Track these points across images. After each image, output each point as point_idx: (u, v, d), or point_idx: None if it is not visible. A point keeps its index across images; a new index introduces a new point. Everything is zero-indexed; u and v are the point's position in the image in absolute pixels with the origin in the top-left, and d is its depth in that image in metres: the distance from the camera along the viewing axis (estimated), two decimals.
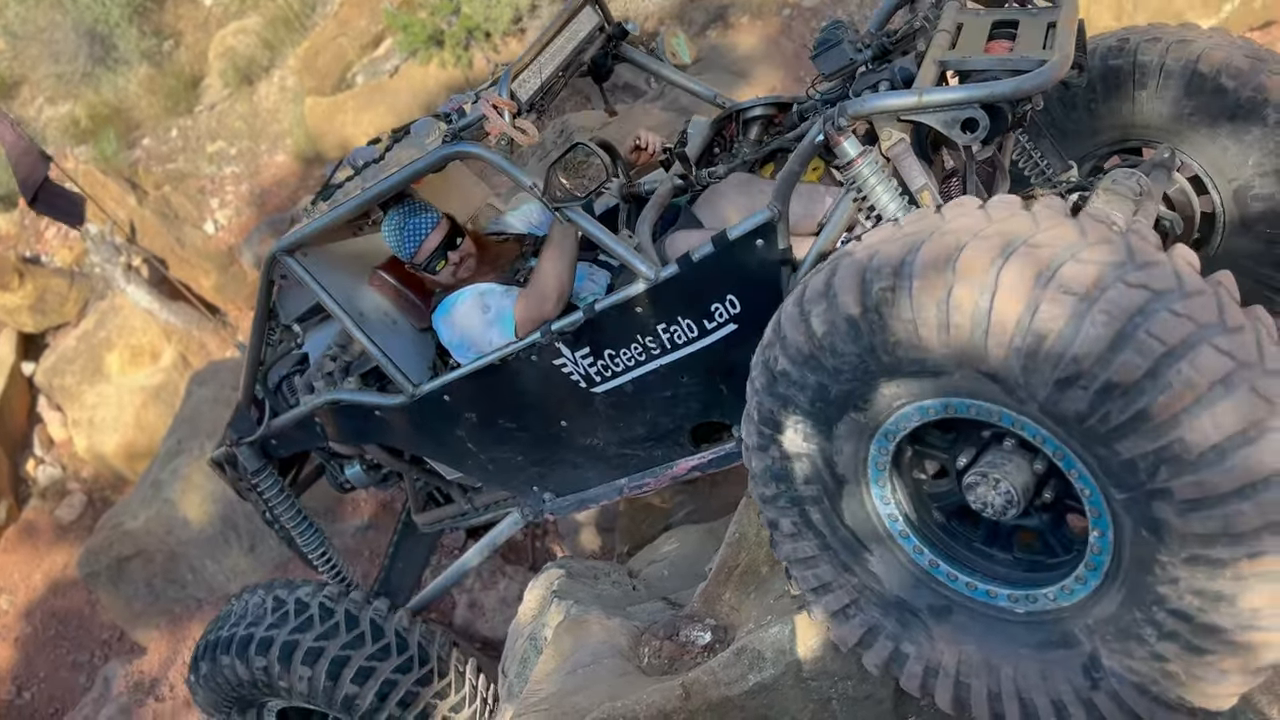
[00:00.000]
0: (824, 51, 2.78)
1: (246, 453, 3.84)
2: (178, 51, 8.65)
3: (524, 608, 3.16)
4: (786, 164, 2.60)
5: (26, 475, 7.33)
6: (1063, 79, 2.48)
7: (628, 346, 2.91)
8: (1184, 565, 1.70)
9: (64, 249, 7.83)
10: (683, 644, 2.68)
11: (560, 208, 2.79)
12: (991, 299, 1.75)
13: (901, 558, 2.15)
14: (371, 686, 3.60)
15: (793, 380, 2.06)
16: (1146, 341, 1.64)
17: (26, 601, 6.68)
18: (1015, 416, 1.87)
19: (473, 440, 3.37)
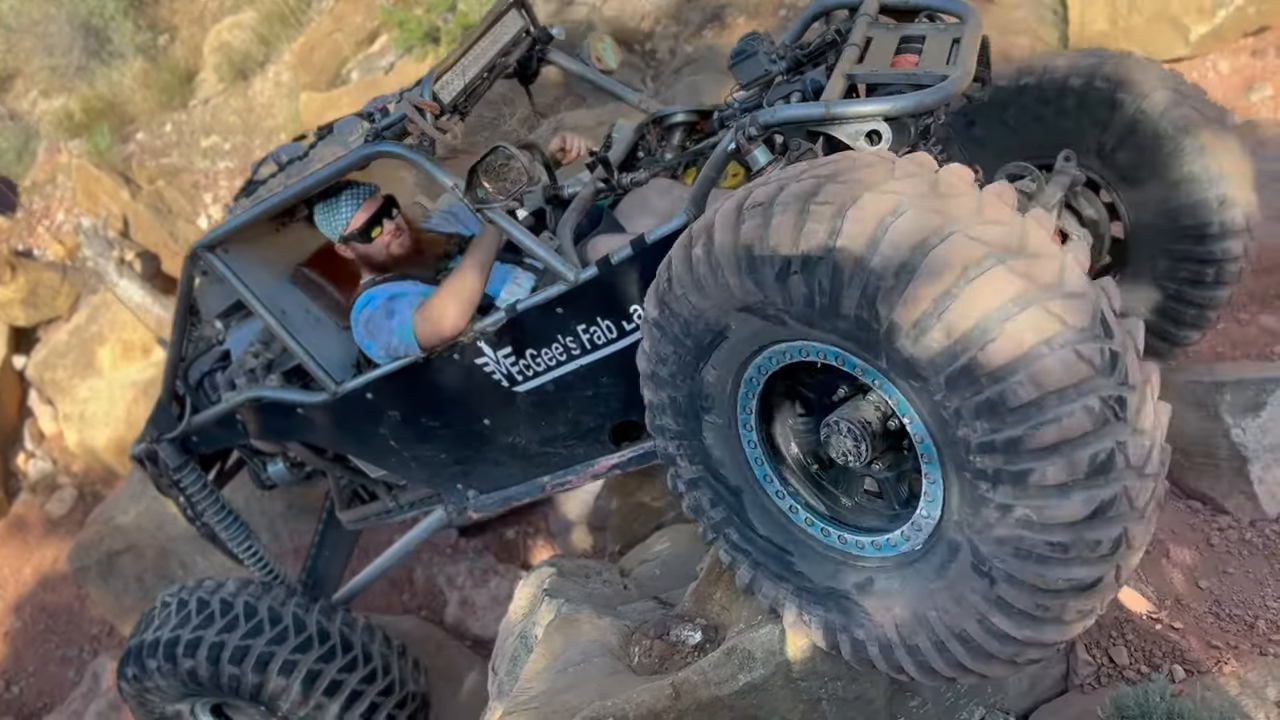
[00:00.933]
0: (740, 62, 2.87)
1: (168, 449, 3.87)
2: (173, 46, 8.63)
3: (515, 606, 3.15)
4: (702, 171, 2.67)
5: (17, 469, 7.31)
6: (965, 93, 2.63)
7: (549, 346, 2.97)
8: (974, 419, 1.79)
9: (56, 243, 7.80)
10: (673, 643, 2.67)
11: (481, 209, 2.83)
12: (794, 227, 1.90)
13: (816, 546, 2.28)
14: (296, 678, 3.71)
15: (674, 313, 2.19)
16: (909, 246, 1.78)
17: (16, 596, 6.66)
18: (838, 350, 2.01)
19: (396, 438, 3.40)
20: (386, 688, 3.95)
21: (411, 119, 2.91)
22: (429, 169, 2.91)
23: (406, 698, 4.03)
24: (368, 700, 3.88)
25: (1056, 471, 1.74)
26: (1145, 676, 2.41)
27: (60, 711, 5.77)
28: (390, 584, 5.56)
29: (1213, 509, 3.24)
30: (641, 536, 4.17)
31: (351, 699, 3.85)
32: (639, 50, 6.78)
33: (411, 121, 2.91)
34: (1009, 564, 1.86)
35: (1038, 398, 1.71)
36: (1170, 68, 3.18)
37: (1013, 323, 1.70)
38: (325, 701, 3.79)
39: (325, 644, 3.83)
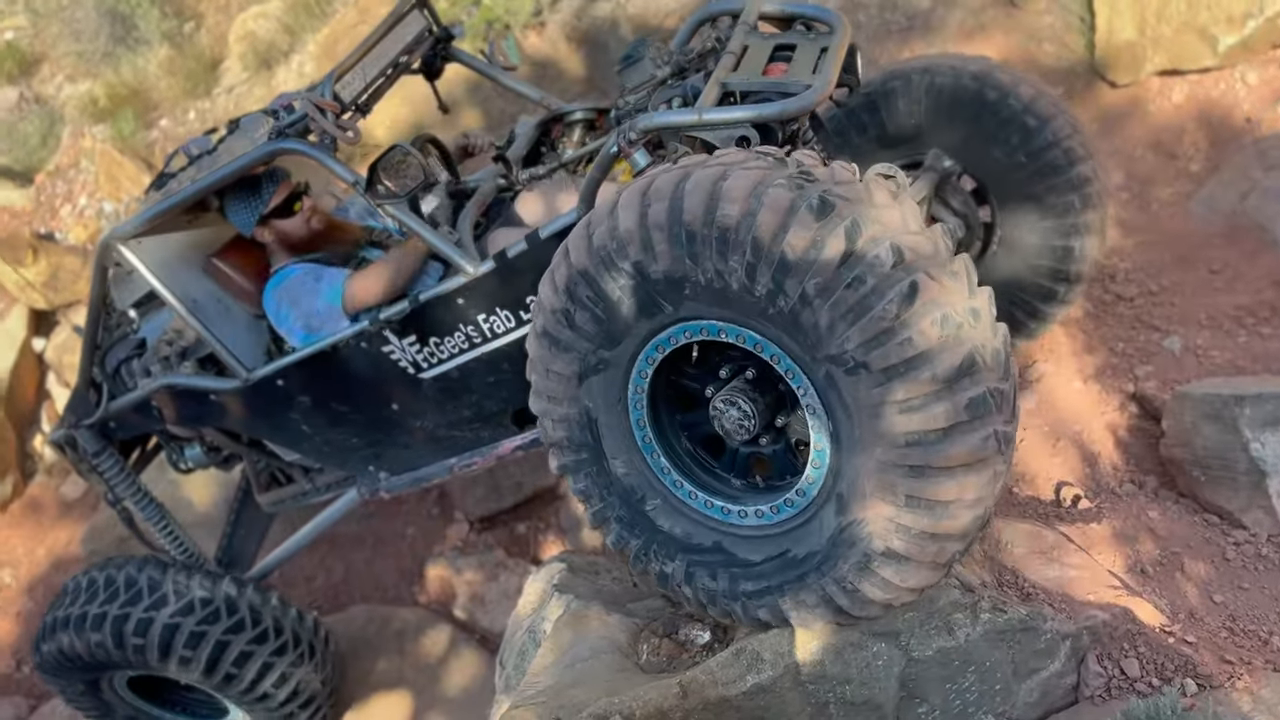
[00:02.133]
0: (627, 66, 3.09)
1: (86, 435, 3.99)
2: (198, 34, 8.66)
3: (524, 600, 3.16)
4: (589, 172, 2.82)
5: (33, 451, 7.35)
6: (835, 99, 2.79)
7: (452, 335, 3.11)
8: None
9: (78, 226, 7.84)
10: (682, 642, 2.67)
11: (381, 204, 2.96)
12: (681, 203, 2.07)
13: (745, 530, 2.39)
14: (204, 649, 3.87)
15: (573, 296, 2.27)
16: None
17: (29, 576, 6.70)
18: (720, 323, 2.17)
19: (307, 423, 3.53)
20: (296, 657, 4.17)
21: (313, 117, 3.03)
22: (331, 165, 3.03)
23: (302, 654, 4.23)
24: (278, 671, 4.09)
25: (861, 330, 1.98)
26: (1156, 689, 2.40)
27: None
28: (400, 575, 5.57)
29: (1229, 523, 3.21)
30: None
31: (263, 672, 4.05)
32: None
33: (313, 119, 3.03)
34: (902, 453, 2.02)
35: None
36: (1198, 78, 3.26)
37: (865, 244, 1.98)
38: (235, 672, 3.97)
39: (233, 616, 3.99)
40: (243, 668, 3.98)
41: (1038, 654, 2.41)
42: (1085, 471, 3.56)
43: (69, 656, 4.03)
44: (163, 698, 4.61)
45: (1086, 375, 3.99)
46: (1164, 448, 3.51)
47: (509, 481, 5.43)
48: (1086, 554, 2.87)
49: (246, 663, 3.99)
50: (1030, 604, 2.48)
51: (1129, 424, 3.75)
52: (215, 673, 3.94)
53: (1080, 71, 5.53)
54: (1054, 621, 2.42)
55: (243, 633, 3.98)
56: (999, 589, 2.54)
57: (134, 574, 4.00)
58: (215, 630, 3.92)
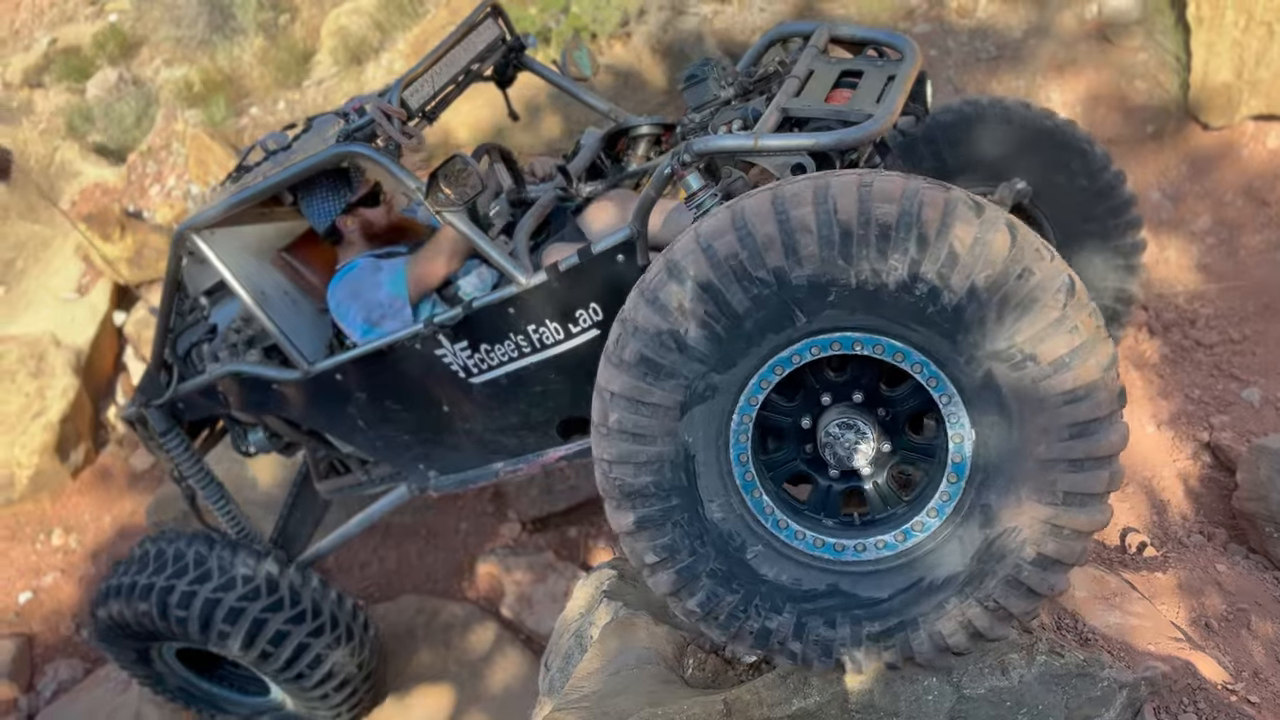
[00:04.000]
0: (690, 86, 3.06)
1: (155, 414, 4.07)
2: (292, 26, 8.87)
3: (572, 604, 3.17)
4: (644, 190, 2.81)
5: (106, 421, 7.56)
6: (899, 127, 2.71)
7: (502, 343, 3.13)
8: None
9: (165, 206, 8.07)
10: (728, 659, 2.66)
11: (440, 211, 2.99)
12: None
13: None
14: (242, 625, 3.96)
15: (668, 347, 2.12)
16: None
17: (95, 543, 6.88)
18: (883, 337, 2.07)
19: (362, 418, 3.58)
20: (333, 639, 4.23)
21: (379, 123, 3.07)
22: (394, 170, 3.08)
23: (339, 638, 4.28)
24: (314, 652, 4.14)
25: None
26: None
27: None
28: (453, 569, 5.62)
29: None
30: None
31: (299, 652, 4.10)
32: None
33: (379, 125, 3.08)
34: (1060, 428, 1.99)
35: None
36: None
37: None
38: (271, 650, 4.06)
39: (273, 595, 4.08)
40: (279, 646, 4.06)
41: (1092, 701, 2.35)
42: (1153, 519, 3.48)
43: (119, 624, 4.16)
44: (211, 671, 4.71)
45: (1160, 420, 3.90)
46: (1237, 500, 3.41)
47: (563, 484, 5.46)
48: (1150, 603, 2.81)
49: (283, 641, 4.07)
50: (1088, 649, 2.43)
51: (1201, 473, 3.66)
52: (252, 649, 4.03)
53: (1172, 111, 5.42)
54: (1112, 669, 2.36)
55: (280, 611, 4.06)
56: (1057, 631, 2.49)
57: (183, 548, 4.12)
58: (254, 607, 4.02)
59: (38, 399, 7.04)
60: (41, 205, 8.39)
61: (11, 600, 6.55)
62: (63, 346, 7.30)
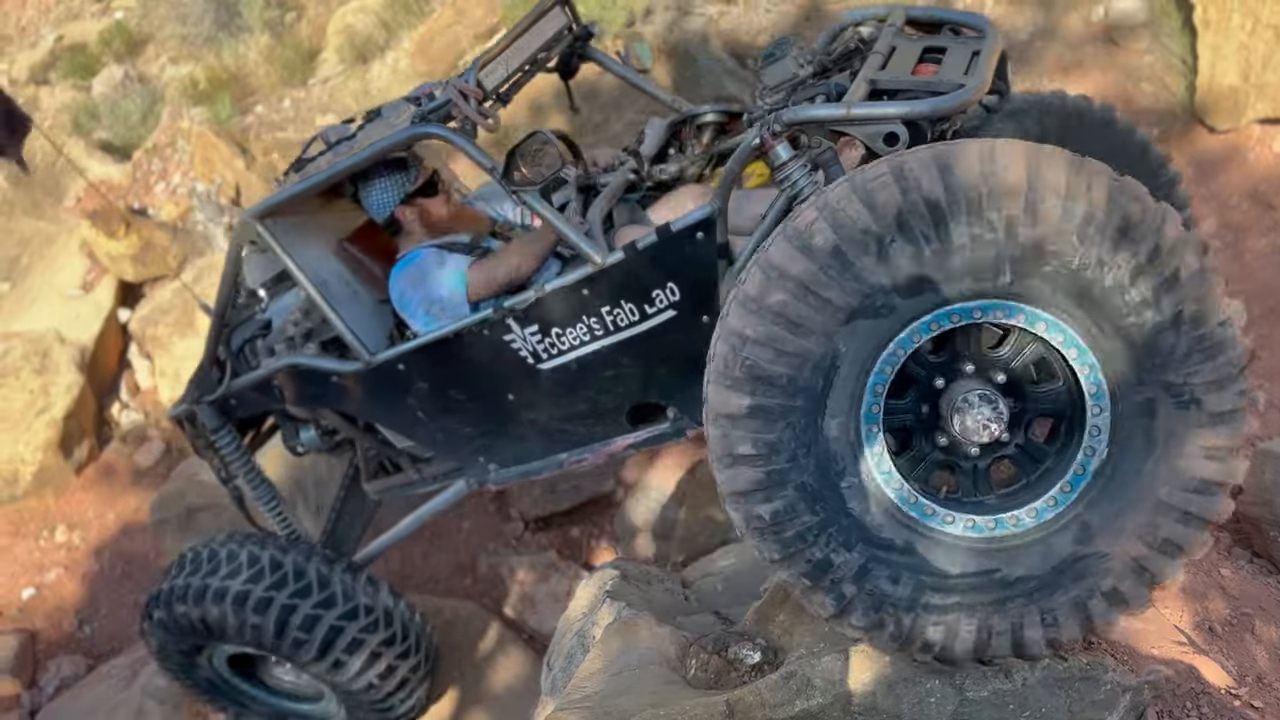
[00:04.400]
0: (768, 64, 2.99)
1: (207, 411, 4.01)
2: (298, 24, 8.88)
3: (575, 604, 3.17)
4: (727, 165, 2.76)
5: (110, 418, 7.58)
6: (983, 103, 2.69)
7: (574, 326, 3.07)
8: None
9: (170, 204, 8.08)
10: (731, 660, 2.66)
11: (517, 191, 2.94)
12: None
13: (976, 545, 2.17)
14: (318, 633, 3.84)
15: (773, 379, 2.05)
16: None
17: (98, 539, 6.90)
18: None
19: (423, 409, 3.51)
20: (389, 638, 4.09)
21: (456, 103, 3.03)
22: (470, 151, 3.03)
23: (393, 636, 4.13)
24: (367, 650, 4.01)
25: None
26: None
27: (127, 655, 5.95)
28: (455, 569, 5.63)
29: None
30: (706, 549, 4.17)
31: (371, 660, 3.99)
32: (752, 65, 6.77)
33: (456, 106, 3.03)
34: (1203, 370, 2.00)
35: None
36: None
37: None
38: (345, 659, 3.94)
39: (349, 603, 3.97)
40: (352, 655, 3.95)
41: (1096, 705, 2.35)
42: None
43: (180, 626, 4.01)
44: (255, 675, 4.60)
45: None
46: (1241, 504, 3.40)
47: (566, 484, 5.46)
48: (1153, 607, 2.80)
49: (357, 650, 3.96)
50: (1092, 653, 2.42)
51: None
52: (326, 658, 3.92)
53: (1178, 114, 5.41)
54: (1115, 673, 2.36)
55: (356, 620, 3.95)
56: None
57: (257, 552, 4.00)
58: (330, 615, 3.91)
59: (42, 395, 7.05)
60: (46, 202, 8.40)
61: (14, 596, 6.57)
62: (67, 343, 7.31)
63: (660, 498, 5.07)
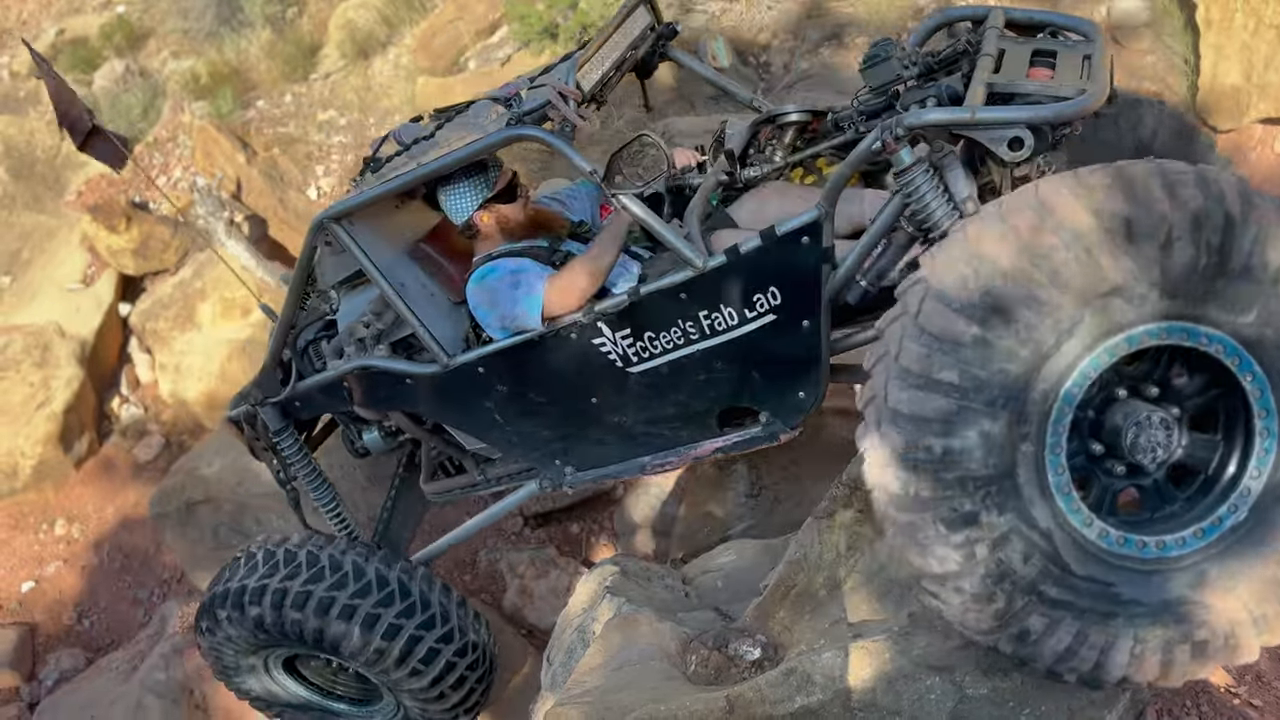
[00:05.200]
0: (873, 65, 2.94)
1: (270, 412, 3.93)
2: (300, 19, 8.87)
3: (575, 600, 3.18)
4: (838, 168, 2.73)
5: (110, 412, 7.57)
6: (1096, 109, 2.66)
7: (668, 330, 3.02)
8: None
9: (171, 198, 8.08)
10: (731, 656, 2.66)
11: (616, 193, 2.90)
12: None
13: (1136, 564, 2.22)
14: (398, 641, 3.71)
15: (956, 452, 2.10)
16: None
17: (97, 533, 6.90)
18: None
19: (501, 412, 3.45)
20: (445, 634, 3.95)
21: (555, 104, 2.98)
22: (568, 153, 2.96)
23: (466, 646, 4.01)
24: (425, 646, 3.88)
25: None
26: None
27: (127, 649, 5.96)
28: (455, 564, 5.63)
29: None
30: (706, 546, 4.16)
31: (411, 644, 3.84)
32: (754, 63, 6.77)
33: (554, 107, 2.99)
34: None
35: None
36: None
37: None
38: (386, 646, 3.79)
39: (406, 600, 3.84)
40: (430, 664, 3.85)
41: (1095, 703, 2.35)
42: None
43: (244, 627, 3.89)
44: (307, 680, 4.47)
45: None
46: None
47: None
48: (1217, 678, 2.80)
49: (434, 659, 3.86)
50: None
51: None
52: (404, 665, 3.82)
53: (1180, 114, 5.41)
54: None
55: (433, 629, 3.85)
56: None
57: (338, 556, 3.88)
58: (410, 624, 3.80)
59: (42, 389, 7.05)
60: (47, 195, 8.40)
61: (14, 589, 6.57)
62: (67, 337, 7.31)
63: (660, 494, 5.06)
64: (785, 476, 4.30)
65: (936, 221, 2.57)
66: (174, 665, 5.40)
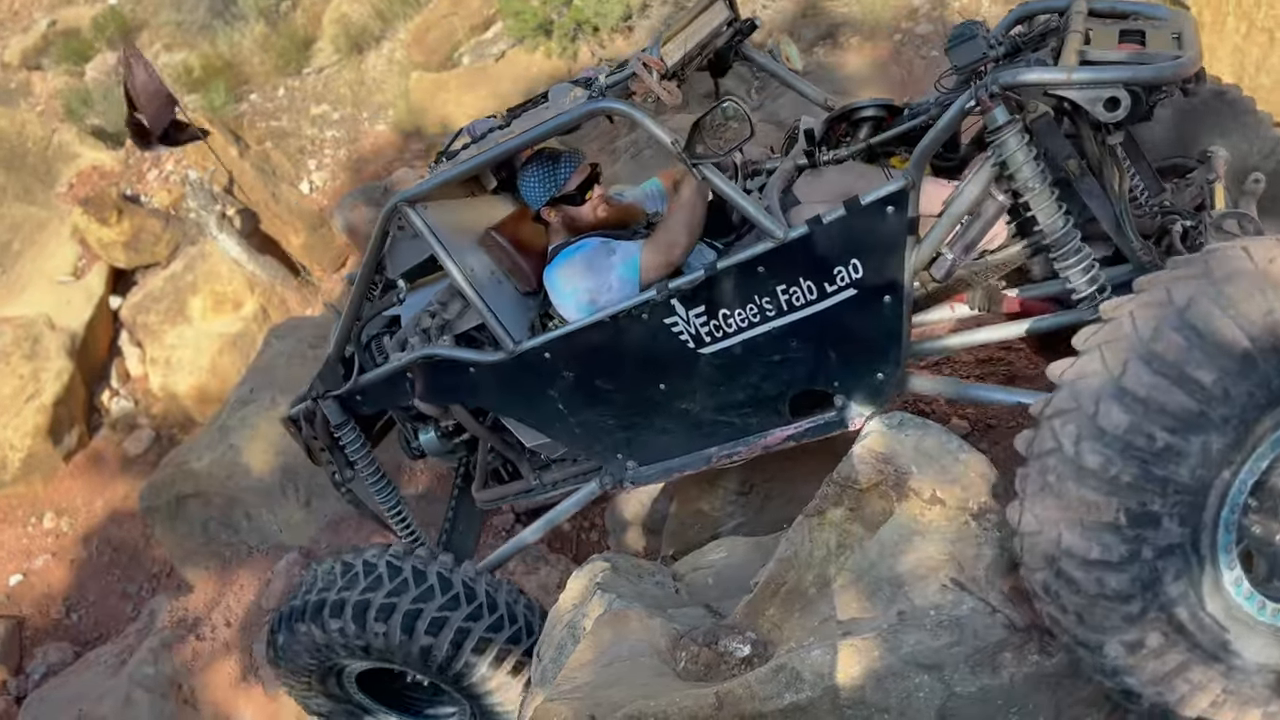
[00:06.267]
0: (959, 45, 2.85)
1: (332, 406, 3.87)
2: (294, 13, 8.85)
3: (565, 596, 3.17)
4: (930, 133, 2.68)
5: (100, 405, 7.56)
6: (1183, 84, 2.62)
7: (743, 307, 2.95)
8: None
9: (163, 191, 8.05)
10: (721, 653, 2.67)
11: (697, 164, 2.84)
12: None
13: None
14: (446, 636, 3.58)
15: (1175, 452, 2.08)
16: None
17: (86, 527, 6.88)
18: None
19: (565, 401, 3.39)
20: (529, 648, 3.88)
21: (639, 75, 2.93)
22: (649, 126, 2.90)
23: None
24: (514, 659, 3.81)
25: None
26: None
27: (115, 643, 5.94)
28: None
29: None
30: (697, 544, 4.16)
31: (500, 657, 3.77)
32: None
33: (638, 78, 2.93)
34: None
35: None
36: None
37: None
38: (474, 660, 3.72)
39: (473, 603, 3.69)
40: (515, 677, 3.79)
41: (1082, 701, 2.36)
42: None
43: (324, 641, 3.74)
44: (379, 694, 4.27)
45: None
46: None
47: None
48: None
49: (484, 651, 3.79)
50: None
51: None
52: (456, 660, 3.66)
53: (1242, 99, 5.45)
54: None
55: (481, 620, 3.76)
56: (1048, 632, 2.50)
57: (421, 567, 3.73)
58: (499, 637, 3.75)
59: (31, 381, 7.03)
60: (38, 187, 8.37)
61: (2, 582, 6.56)
62: (57, 329, 7.29)
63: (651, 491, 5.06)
64: (776, 474, 4.31)
65: (1030, 186, 2.55)
66: (163, 659, 5.39)
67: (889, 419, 2.93)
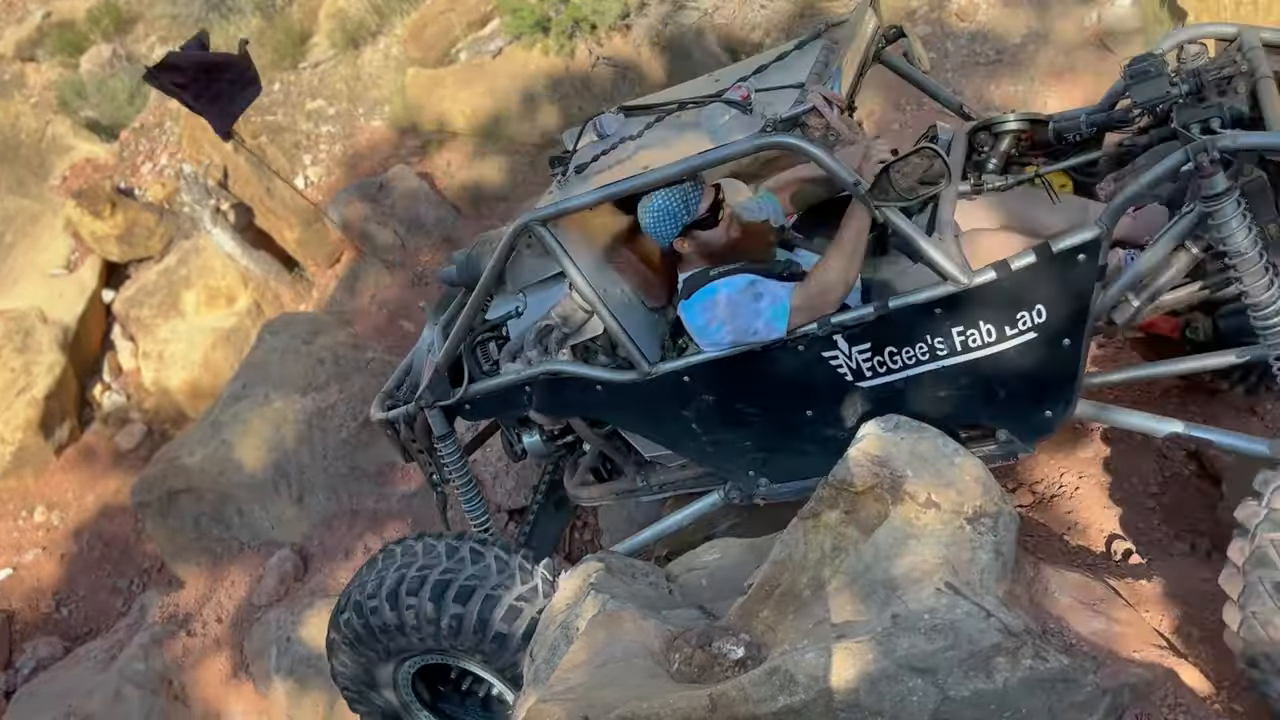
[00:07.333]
0: (1140, 82, 2.82)
1: (437, 416, 3.79)
2: (290, 8, 8.82)
3: (559, 596, 3.16)
4: (1129, 186, 2.65)
5: (92, 399, 7.53)
6: None
7: (912, 346, 2.89)
8: None
9: (157, 185, 8.02)
10: (715, 655, 2.66)
11: (881, 205, 2.78)
12: None
13: None
14: (520, 625, 3.47)
15: None
16: None
17: (77, 521, 6.86)
18: None
19: (700, 422, 3.33)
20: None
21: (821, 111, 2.82)
22: (830, 164, 2.81)
23: None
24: None
25: None
26: None
27: (105, 638, 5.92)
28: None
29: None
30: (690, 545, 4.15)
31: None
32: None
33: (818, 114, 2.82)
34: None
35: None
36: None
37: None
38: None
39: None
40: None
41: (1076, 706, 2.36)
42: (1139, 526, 3.50)
43: (384, 628, 3.64)
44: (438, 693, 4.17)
45: None
46: (1222, 510, 3.43)
47: None
48: (1134, 610, 2.82)
49: None
50: (1072, 655, 2.44)
51: (1188, 483, 3.68)
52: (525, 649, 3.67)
53: None
54: (1095, 675, 2.38)
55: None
56: (1042, 637, 2.50)
57: (504, 557, 3.68)
58: (532, 608, 3.67)
59: (23, 374, 7.00)
60: (32, 180, 8.33)
61: None
62: (50, 323, 7.27)
63: None
64: None
65: (1243, 252, 2.50)
66: (153, 655, 5.37)
67: (885, 422, 2.93)
